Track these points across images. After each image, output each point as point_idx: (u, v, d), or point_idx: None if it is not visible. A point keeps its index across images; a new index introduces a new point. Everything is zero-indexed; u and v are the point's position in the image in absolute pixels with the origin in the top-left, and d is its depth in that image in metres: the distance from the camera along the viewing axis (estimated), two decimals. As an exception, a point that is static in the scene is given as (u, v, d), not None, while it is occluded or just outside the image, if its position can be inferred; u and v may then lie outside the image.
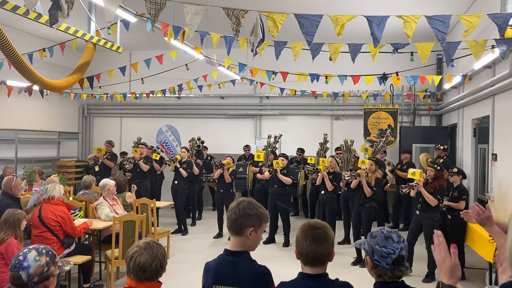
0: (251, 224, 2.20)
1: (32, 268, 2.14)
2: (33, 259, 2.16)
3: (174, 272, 6.01)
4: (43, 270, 2.16)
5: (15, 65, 5.16)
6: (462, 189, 6.28)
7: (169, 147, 12.58)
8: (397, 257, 1.94)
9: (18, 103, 10.49)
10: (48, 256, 2.22)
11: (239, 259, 2.22)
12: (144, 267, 2.17)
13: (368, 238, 2.04)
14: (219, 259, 2.28)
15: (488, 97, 6.91)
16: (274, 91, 10.62)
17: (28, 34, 10.52)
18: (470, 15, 4.71)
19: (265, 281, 2.19)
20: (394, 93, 10.67)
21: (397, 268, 1.95)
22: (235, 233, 2.23)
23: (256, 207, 2.24)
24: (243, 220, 2.20)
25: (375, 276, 2.00)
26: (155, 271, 2.21)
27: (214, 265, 2.28)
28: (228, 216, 2.26)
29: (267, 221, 2.31)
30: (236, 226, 2.21)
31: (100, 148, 10.34)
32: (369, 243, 2.00)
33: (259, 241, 2.28)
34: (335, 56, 5.44)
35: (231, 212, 2.24)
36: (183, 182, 8.84)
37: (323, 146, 9.16)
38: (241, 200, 2.28)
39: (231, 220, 2.23)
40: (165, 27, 5.96)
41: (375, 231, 2.03)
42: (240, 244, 2.23)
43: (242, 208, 2.22)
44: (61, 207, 5.19)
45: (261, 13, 4.93)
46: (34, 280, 2.14)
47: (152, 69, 9.29)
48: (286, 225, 8.01)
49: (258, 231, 2.24)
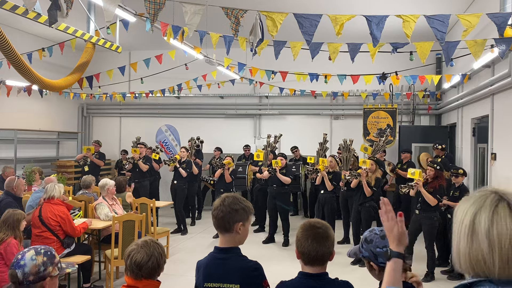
0: (239, 219, 2.22)
1: (28, 266, 2.15)
2: (30, 258, 2.17)
3: (174, 272, 6.01)
4: (39, 269, 2.16)
5: (14, 65, 5.16)
6: (464, 188, 6.28)
7: (169, 146, 12.58)
8: None
9: (17, 103, 10.49)
10: (46, 256, 2.21)
11: (229, 255, 2.23)
12: (141, 265, 2.19)
13: (362, 245, 2.03)
14: (209, 256, 2.30)
15: (487, 96, 6.91)
16: (274, 91, 10.62)
17: (27, 34, 10.51)
18: (469, 15, 4.71)
19: (256, 276, 2.20)
20: (394, 92, 10.67)
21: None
22: (224, 230, 2.23)
23: (241, 201, 2.26)
24: (231, 216, 2.21)
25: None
26: (151, 270, 2.22)
27: (205, 263, 2.29)
28: (215, 215, 2.24)
29: (253, 212, 2.33)
30: (224, 224, 2.22)
31: (89, 147, 10.25)
32: (368, 248, 1.99)
33: (248, 234, 2.30)
34: (335, 55, 5.44)
35: (217, 210, 2.24)
36: (182, 182, 8.83)
37: (323, 146, 9.17)
38: (225, 196, 2.28)
39: (218, 218, 2.23)
40: (164, 26, 5.96)
41: (367, 236, 2.02)
42: (229, 240, 2.25)
43: (228, 205, 2.22)
44: (61, 207, 5.19)
45: (260, 12, 4.93)
46: (29, 279, 2.14)
47: (152, 68, 9.29)
48: (285, 224, 8.01)
49: (246, 224, 2.26)
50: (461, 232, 1.19)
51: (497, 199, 1.17)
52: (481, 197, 1.20)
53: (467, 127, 8.35)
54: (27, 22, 5.56)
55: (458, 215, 1.22)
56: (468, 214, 1.19)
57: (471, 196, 1.23)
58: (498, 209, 1.15)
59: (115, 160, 12.46)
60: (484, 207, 1.16)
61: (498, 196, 1.17)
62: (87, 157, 10.14)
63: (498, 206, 1.15)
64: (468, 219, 1.18)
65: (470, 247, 1.16)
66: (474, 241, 1.15)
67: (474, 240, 1.15)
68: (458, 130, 9.03)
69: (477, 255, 1.15)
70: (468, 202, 1.21)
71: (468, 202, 1.22)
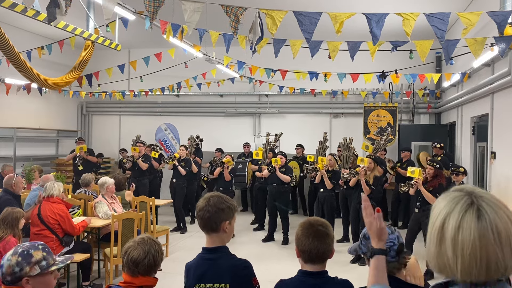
0: (225, 217, 2.22)
1: (4, 267, 2.10)
2: (6, 258, 2.12)
3: (173, 270, 6.00)
4: (13, 270, 2.08)
5: (13, 63, 5.15)
6: (464, 187, 6.27)
7: (168, 145, 12.57)
8: (399, 247, 1.97)
9: (17, 101, 10.47)
10: (21, 256, 2.11)
11: (218, 255, 2.24)
12: (137, 262, 2.21)
13: (362, 241, 2.03)
14: (198, 258, 2.29)
15: (487, 95, 6.91)
16: (273, 89, 10.60)
17: (26, 31, 10.49)
18: (469, 13, 4.70)
19: (246, 275, 2.21)
20: (393, 91, 10.66)
21: (402, 257, 1.98)
22: (211, 230, 2.23)
23: (226, 200, 2.26)
24: (217, 216, 2.20)
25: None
26: (148, 267, 2.23)
27: (194, 264, 2.29)
28: (201, 215, 2.23)
29: (238, 210, 2.34)
30: (212, 224, 2.21)
31: (81, 146, 10.09)
32: (366, 245, 1.99)
33: (233, 232, 2.31)
34: (334, 54, 5.43)
35: (203, 211, 2.22)
36: (181, 180, 8.83)
37: (323, 144, 9.17)
38: (209, 196, 2.27)
39: (204, 219, 2.21)
40: (164, 24, 5.94)
41: (366, 232, 2.01)
42: (217, 240, 2.25)
43: (213, 205, 2.21)
44: (60, 206, 5.19)
45: (260, 10, 4.92)
46: (7, 279, 2.10)
47: (151, 67, 9.27)
48: (285, 223, 8.01)
49: (232, 222, 2.27)
50: (431, 234, 1.20)
51: (467, 204, 1.16)
52: (455, 198, 1.19)
53: (466, 126, 8.35)
54: (26, 20, 5.54)
55: (432, 215, 1.23)
56: (439, 217, 1.19)
57: (447, 194, 1.23)
58: (466, 214, 1.14)
59: (114, 158, 12.47)
60: (454, 211, 1.16)
61: (470, 200, 1.17)
62: (81, 156, 10.08)
63: (467, 211, 1.15)
64: (438, 223, 1.19)
65: (438, 251, 1.18)
66: (441, 245, 1.17)
67: (441, 244, 1.17)
68: (458, 128, 9.03)
69: (442, 259, 1.16)
70: (443, 203, 1.21)
71: (443, 202, 1.22)
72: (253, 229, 9.00)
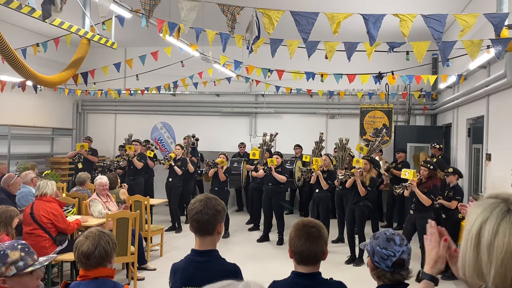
0: (220, 219, 2.21)
1: None
2: None
3: (168, 270, 5.99)
4: None
5: (8, 60, 5.11)
6: (458, 189, 6.28)
7: (164, 144, 12.53)
8: (397, 260, 1.92)
9: (12, 99, 10.40)
10: None
11: (208, 258, 2.19)
12: (87, 254, 2.25)
13: (371, 238, 2.02)
14: (187, 260, 2.25)
15: (483, 97, 6.93)
16: (270, 89, 10.59)
17: (22, 29, 10.43)
18: (466, 15, 4.70)
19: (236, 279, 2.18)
20: (389, 92, 10.68)
21: (397, 272, 1.94)
22: (207, 233, 2.18)
23: (220, 201, 2.25)
24: (215, 219, 2.16)
25: (375, 278, 1.99)
26: (99, 259, 2.27)
27: (182, 266, 2.24)
28: (197, 219, 2.15)
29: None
30: (209, 227, 2.16)
31: (83, 144, 10.08)
32: (371, 243, 1.98)
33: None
34: (331, 54, 5.42)
35: (200, 214, 2.14)
36: (177, 179, 8.80)
37: (319, 145, 9.16)
38: (206, 198, 2.19)
39: (202, 222, 2.14)
40: (160, 23, 5.91)
41: (378, 232, 2.01)
42: (209, 243, 2.21)
43: (212, 207, 2.16)
44: (53, 204, 5.15)
45: (256, 10, 4.90)
46: None
47: (147, 65, 9.23)
48: (280, 223, 8.00)
49: (223, 224, 2.26)
50: (467, 242, 1.18)
51: (504, 212, 1.14)
52: (491, 205, 1.17)
53: (462, 128, 8.37)
54: (21, 16, 5.50)
55: (468, 222, 1.21)
56: (475, 224, 1.17)
57: (483, 201, 1.21)
58: (503, 221, 1.13)
59: (110, 157, 12.41)
60: (491, 218, 1.14)
61: (506, 207, 1.15)
62: (81, 154, 10.03)
63: (504, 219, 1.13)
64: (475, 229, 1.16)
65: (475, 256, 1.15)
66: (478, 251, 1.14)
67: (478, 250, 1.14)
68: (453, 130, 9.05)
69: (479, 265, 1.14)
70: (479, 209, 1.19)
71: (479, 209, 1.19)
72: (248, 229, 8.99)
